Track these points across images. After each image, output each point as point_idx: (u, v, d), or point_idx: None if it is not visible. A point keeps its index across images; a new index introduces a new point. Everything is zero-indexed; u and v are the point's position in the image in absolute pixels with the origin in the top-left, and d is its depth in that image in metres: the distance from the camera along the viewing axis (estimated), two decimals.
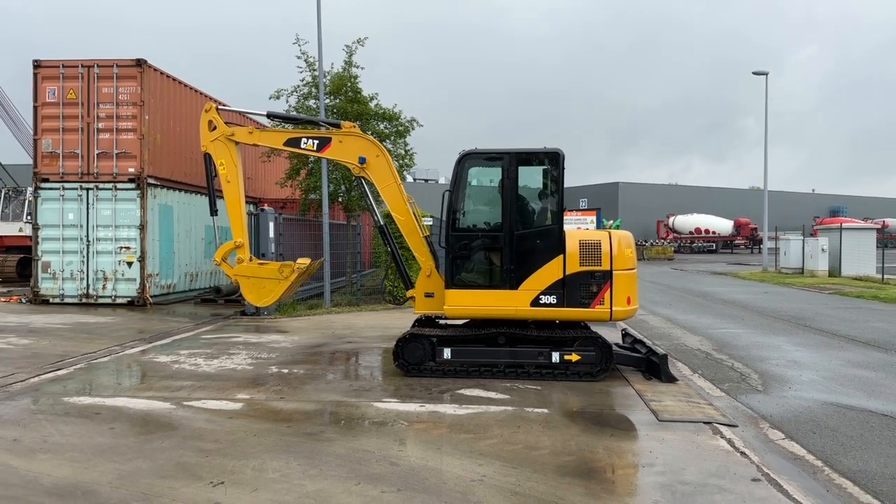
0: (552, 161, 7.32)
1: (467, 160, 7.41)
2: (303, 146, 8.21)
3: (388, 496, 4.16)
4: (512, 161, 7.25)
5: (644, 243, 43.99)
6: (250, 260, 8.44)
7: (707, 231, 52.28)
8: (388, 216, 8.59)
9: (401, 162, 17.31)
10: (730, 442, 5.32)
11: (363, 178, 8.07)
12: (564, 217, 7.41)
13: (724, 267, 31.84)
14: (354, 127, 8.16)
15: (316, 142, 8.12)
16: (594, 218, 43.82)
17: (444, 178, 58.60)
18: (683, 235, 52.79)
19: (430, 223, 14.09)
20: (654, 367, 7.50)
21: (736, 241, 52.01)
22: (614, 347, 7.57)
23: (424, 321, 8.19)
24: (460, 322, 7.88)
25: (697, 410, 6.23)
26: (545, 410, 6.13)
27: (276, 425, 5.65)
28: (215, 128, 8.36)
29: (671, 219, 54.08)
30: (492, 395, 6.68)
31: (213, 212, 8.74)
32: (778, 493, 4.32)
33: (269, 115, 9.04)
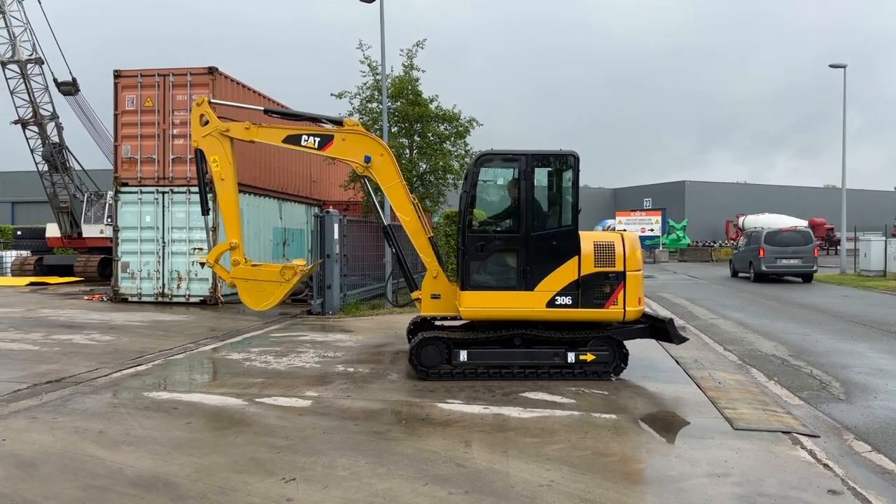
0: (568, 163, 7.35)
1: (484, 161, 7.48)
2: (303, 144, 7.96)
3: (456, 498, 4.15)
4: (528, 163, 7.27)
5: (712, 244, 42.52)
6: (245, 262, 8.22)
7: None
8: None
9: (461, 162, 17.35)
10: (811, 453, 5.07)
11: (366, 177, 8.02)
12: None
13: None
14: (357, 125, 8.01)
15: (317, 139, 7.91)
16: (659, 218, 42.44)
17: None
18: None
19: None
20: (659, 332, 7.57)
21: None
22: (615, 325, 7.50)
23: (420, 323, 8.14)
24: (458, 323, 7.84)
25: (775, 419, 5.96)
26: (613, 416, 6.00)
27: (343, 423, 5.75)
28: (207, 122, 8.15)
29: (741, 219, 51.90)
30: (557, 398, 6.60)
31: (205, 211, 8.43)
32: None
33: (267, 112, 8.75)
